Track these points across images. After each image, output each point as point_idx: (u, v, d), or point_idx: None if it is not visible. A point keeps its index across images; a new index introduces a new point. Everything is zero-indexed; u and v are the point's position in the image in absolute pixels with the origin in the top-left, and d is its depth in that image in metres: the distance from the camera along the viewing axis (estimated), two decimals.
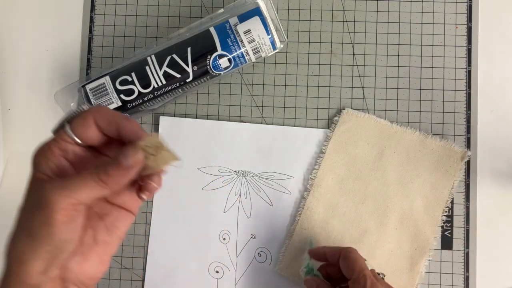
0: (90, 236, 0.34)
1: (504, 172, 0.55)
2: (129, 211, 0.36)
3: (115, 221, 0.35)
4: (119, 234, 0.36)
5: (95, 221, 0.35)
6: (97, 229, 0.35)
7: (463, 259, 0.54)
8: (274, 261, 0.55)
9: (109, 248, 0.35)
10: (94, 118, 0.33)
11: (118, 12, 0.58)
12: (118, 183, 0.32)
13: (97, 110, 0.33)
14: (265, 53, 0.53)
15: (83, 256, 0.34)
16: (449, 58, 0.56)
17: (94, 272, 0.34)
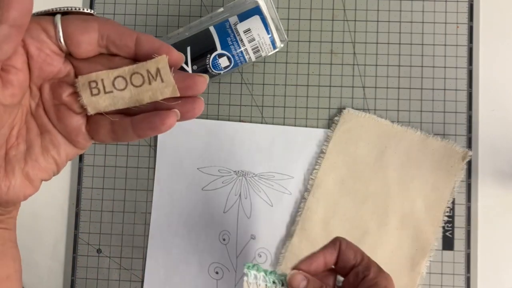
0: (20, 151, 0.28)
1: (506, 172, 0.55)
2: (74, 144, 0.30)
3: (55, 143, 0.29)
4: (56, 159, 0.29)
5: (32, 135, 0.29)
6: (32, 146, 0.29)
7: (464, 260, 0.54)
8: (274, 262, 0.54)
9: (41, 171, 0.29)
10: (100, 25, 0.27)
11: (117, 12, 0.58)
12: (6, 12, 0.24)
13: (106, 19, 0.28)
14: (265, 52, 0.52)
15: (3, 172, 0.28)
16: (450, 57, 0.56)
17: (13, 194, 0.28)
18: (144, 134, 0.28)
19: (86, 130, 0.29)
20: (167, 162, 0.56)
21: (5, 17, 0.24)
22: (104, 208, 0.56)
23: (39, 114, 0.29)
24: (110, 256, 0.56)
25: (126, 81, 0.28)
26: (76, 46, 0.27)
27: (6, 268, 0.30)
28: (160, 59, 0.27)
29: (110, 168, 0.57)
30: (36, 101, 0.29)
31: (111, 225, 0.56)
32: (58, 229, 0.57)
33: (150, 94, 0.28)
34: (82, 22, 0.27)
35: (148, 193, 0.56)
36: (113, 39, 0.27)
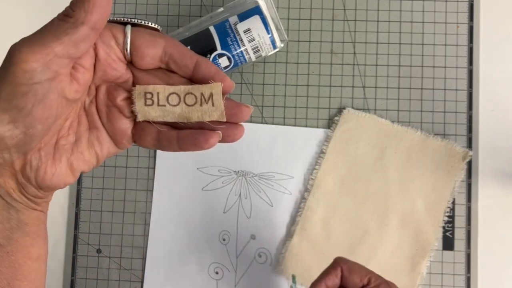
0: (69, 142, 0.31)
1: (506, 172, 0.55)
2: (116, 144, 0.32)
3: (100, 140, 0.32)
4: (98, 154, 0.32)
5: (82, 129, 0.31)
6: (80, 138, 0.31)
7: (464, 260, 0.54)
8: (274, 262, 0.54)
9: (83, 163, 0.31)
10: (166, 42, 0.29)
11: (117, 11, 0.58)
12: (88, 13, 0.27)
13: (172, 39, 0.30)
14: (265, 52, 0.52)
15: (52, 159, 0.30)
16: (450, 57, 0.55)
17: (57, 181, 0.31)
18: (187, 148, 0.30)
19: (132, 133, 0.32)
20: (167, 162, 0.56)
21: (87, 19, 0.27)
22: (104, 208, 0.56)
23: (91, 111, 0.31)
24: (110, 256, 0.56)
25: (179, 99, 0.30)
26: (141, 58, 0.30)
27: (38, 249, 0.32)
28: (215, 86, 0.30)
29: (110, 168, 0.56)
30: (90, 99, 0.31)
31: (111, 225, 0.56)
32: (58, 229, 0.56)
33: (199, 114, 0.30)
34: (150, 36, 0.29)
35: (148, 193, 0.56)
36: (175, 58, 0.30)
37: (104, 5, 0.27)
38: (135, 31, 0.29)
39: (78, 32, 0.27)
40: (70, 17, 0.27)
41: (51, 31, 0.27)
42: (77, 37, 0.27)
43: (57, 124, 0.30)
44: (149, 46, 0.29)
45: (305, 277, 0.53)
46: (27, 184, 0.30)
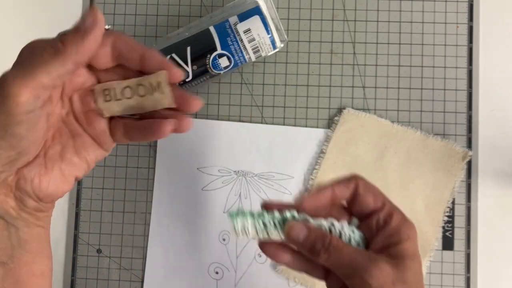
0: (56, 151, 0.32)
1: (506, 172, 0.55)
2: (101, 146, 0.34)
3: (85, 145, 0.33)
4: (87, 159, 0.33)
5: (65, 138, 0.33)
6: (65, 146, 0.33)
7: (464, 260, 0.54)
8: (274, 262, 0.54)
9: (74, 169, 0.33)
10: (114, 39, 0.31)
11: (117, 12, 0.58)
12: (78, 52, 0.28)
13: (118, 34, 0.31)
14: (265, 52, 0.52)
15: (44, 168, 0.32)
16: (450, 57, 0.56)
17: (53, 189, 0.32)
18: (149, 137, 0.32)
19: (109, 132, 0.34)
20: (167, 162, 0.56)
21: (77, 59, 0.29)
22: (104, 208, 0.56)
23: (70, 121, 0.33)
24: (110, 256, 0.56)
25: (132, 91, 0.32)
26: (96, 59, 0.31)
27: (41, 265, 0.33)
28: (160, 74, 0.31)
29: (110, 168, 0.57)
30: (66, 110, 0.33)
31: (111, 225, 0.56)
32: (58, 229, 0.57)
33: (151, 103, 0.32)
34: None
35: (148, 193, 0.56)
36: (123, 53, 0.31)
37: (94, 47, 0.29)
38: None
39: (66, 68, 0.29)
40: (60, 53, 0.28)
41: (41, 64, 0.28)
42: (65, 72, 0.29)
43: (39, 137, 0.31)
44: (99, 47, 0.30)
45: (305, 278, 0.53)
46: (25, 197, 0.31)
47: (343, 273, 0.33)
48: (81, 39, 0.28)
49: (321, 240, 0.33)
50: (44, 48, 0.29)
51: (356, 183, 0.36)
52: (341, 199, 0.36)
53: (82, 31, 0.28)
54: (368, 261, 0.32)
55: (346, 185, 0.35)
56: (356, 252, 0.33)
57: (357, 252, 0.33)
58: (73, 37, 0.28)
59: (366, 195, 0.35)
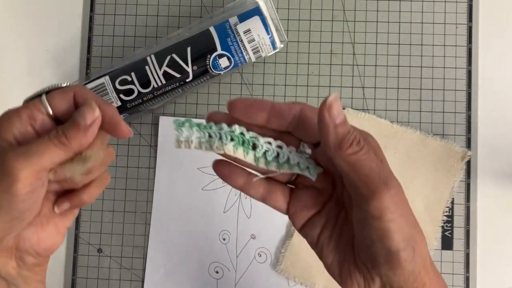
0: (48, 208, 0.34)
1: (505, 172, 0.55)
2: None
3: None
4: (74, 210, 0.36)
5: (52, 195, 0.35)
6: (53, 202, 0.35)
7: (463, 260, 0.54)
8: (274, 262, 0.54)
9: (66, 220, 0.35)
10: (74, 94, 0.33)
11: (117, 12, 0.58)
12: (79, 144, 0.31)
13: (79, 89, 0.33)
14: (265, 52, 0.53)
15: (40, 226, 0.34)
16: (449, 58, 0.56)
17: (50, 243, 0.34)
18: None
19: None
20: (167, 162, 0.56)
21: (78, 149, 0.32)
22: (104, 208, 0.56)
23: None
24: (111, 255, 0.56)
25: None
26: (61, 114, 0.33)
27: None
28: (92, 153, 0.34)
29: (110, 168, 0.57)
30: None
31: (112, 224, 0.56)
32: None
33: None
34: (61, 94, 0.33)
35: (149, 193, 0.56)
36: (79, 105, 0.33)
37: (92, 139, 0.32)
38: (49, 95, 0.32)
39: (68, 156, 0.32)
40: (66, 147, 0.31)
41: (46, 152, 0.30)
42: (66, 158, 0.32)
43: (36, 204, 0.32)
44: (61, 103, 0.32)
45: (305, 277, 0.53)
46: (24, 256, 0.33)
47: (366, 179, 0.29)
48: (84, 136, 0.31)
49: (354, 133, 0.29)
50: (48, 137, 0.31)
51: (300, 106, 0.31)
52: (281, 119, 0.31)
53: (83, 129, 0.31)
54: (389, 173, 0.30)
55: (288, 106, 0.31)
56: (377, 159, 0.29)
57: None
58: (76, 134, 0.31)
59: (315, 117, 0.30)
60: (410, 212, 0.30)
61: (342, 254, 0.32)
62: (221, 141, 0.31)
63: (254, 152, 0.31)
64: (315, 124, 0.30)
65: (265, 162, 0.32)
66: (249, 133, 0.31)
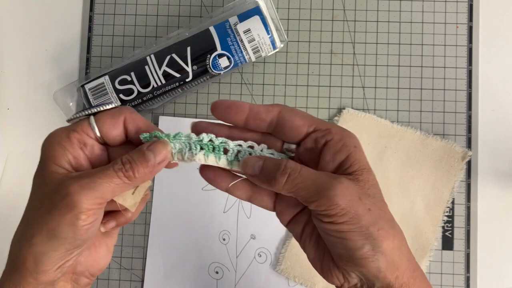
0: (99, 230, 0.35)
1: (505, 172, 0.55)
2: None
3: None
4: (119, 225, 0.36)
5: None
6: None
7: (464, 260, 0.54)
8: (274, 262, 0.54)
9: (114, 238, 0.36)
10: (125, 119, 0.32)
11: (117, 12, 0.58)
12: (143, 180, 0.31)
13: (129, 113, 0.32)
14: (265, 52, 0.52)
15: (94, 248, 0.35)
16: (450, 57, 0.56)
17: (103, 263, 0.35)
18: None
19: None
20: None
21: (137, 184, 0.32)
22: None
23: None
24: None
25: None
26: (109, 140, 0.32)
27: None
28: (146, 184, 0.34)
29: None
30: None
31: None
32: None
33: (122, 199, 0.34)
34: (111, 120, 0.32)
35: None
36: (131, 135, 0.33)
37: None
38: (98, 119, 0.32)
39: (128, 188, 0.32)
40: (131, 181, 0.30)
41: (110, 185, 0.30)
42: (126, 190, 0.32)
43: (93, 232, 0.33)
44: (111, 129, 0.32)
45: (305, 277, 0.53)
46: (80, 278, 0.34)
47: (305, 196, 0.30)
48: (150, 173, 0.31)
49: (277, 165, 0.31)
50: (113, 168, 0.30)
51: (279, 109, 0.32)
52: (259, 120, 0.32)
53: (151, 166, 0.31)
54: (332, 179, 0.30)
55: (265, 108, 0.32)
56: (315, 172, 0.31)
57: (317, 172, 0.31)
58: (144, 170, 0.30)
59: (293, 118, 0.32)
60: (368, 207, 0.30)
61: (322, 250, 0.32)
62: (191, 152, 0.32)
63: (226, 156, 0.32)
64: (293, 126, 0.32)
65: (238, 165, 0.32)
66: (218, 139, 0.32)
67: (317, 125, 0.32)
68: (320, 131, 0.32)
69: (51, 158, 0.31)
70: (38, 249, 0.30)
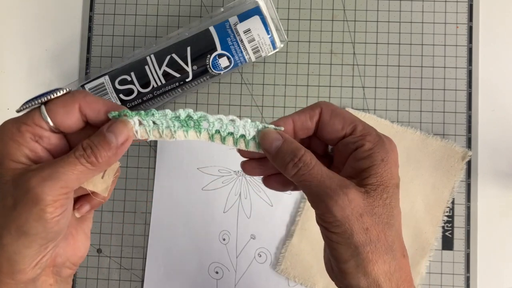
0: (74, 218, 0.34)
1: (505, 172, 0.55)
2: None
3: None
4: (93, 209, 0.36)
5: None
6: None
7: (464, 260, 0.54)
8: (274, 262, 0.54)
9: (90, 222, 0.35)
10: (79, 105, 0.30)
11: (117, 12, 0.58)
12: (108, 164, 0.30)
13: (83, 97, 0.30)
14: (265, 52, 0.52)
15: (71, 237, 0.33)
16: (450, 57, 0.56)
17: (83, 250, 0.34)
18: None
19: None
20: (167, 162, 0.56)
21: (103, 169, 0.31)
22: (104, 208, 0.56)
23: None
24: (110, 256, 0.56)
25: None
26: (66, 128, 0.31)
27: None
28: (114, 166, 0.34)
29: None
30: None
31: (111, 224, 0.56)
32: None
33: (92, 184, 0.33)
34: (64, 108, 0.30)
35: (148, 193, 0.56)
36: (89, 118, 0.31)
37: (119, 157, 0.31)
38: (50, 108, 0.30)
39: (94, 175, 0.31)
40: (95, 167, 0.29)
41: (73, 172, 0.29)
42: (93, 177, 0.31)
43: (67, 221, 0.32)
44: (65, 118, 0.30)
45: (305, 277, 0.53)
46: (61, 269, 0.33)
47: (307, 194, 0.31)
48: (115, 156, 0.29)
49: (293, 153, 0.30)
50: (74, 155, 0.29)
51: (320, 110, 0.32)
52: (306, 129, 0.32)
53: (114, 148, 0.29)
54: (337, 186, 0.29)
55: (308, 113, 0.32)
56: (327, 174, 0.30)
57: (328, 175, 0.30)
58: (107, 153, 0.29)
59: (332, 121, 0.32)
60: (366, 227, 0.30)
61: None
62: (168, 129, 0.31)
63: (207, 130, 0.31)
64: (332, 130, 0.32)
65: (220, 138, 0.31)
66: (197, 114, 0.31)
67: (355, 128, 0.32)
68: (355, 136, 0.31)
69: (5, 155, 0.29)
70: (10, 249, 0.29)
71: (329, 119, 0.32)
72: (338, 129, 0.32)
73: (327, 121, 0.32)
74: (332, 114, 0.32)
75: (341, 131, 0.32)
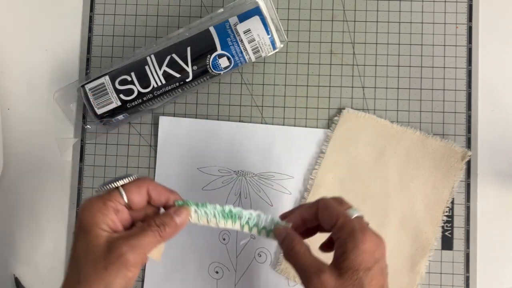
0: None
1: (505, 172, 0.55)
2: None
3: None
4: None
5: None
6: None
7: (463, 260, 0.54)
8: (274, 262, 0.54)
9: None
10: (148, 188, 0.40)
11: (117, 12, 0.58)
12: (170, 237, 0.39)
13: (150, 181, 0.40)
14: (265, 52, 0.53)
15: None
16: (449, 57, 0.56)
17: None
18: None
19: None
20: (167, 162, 0.56)
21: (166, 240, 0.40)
22: None
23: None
24: None
25: None
26: (135, 205, 0.40)
27: None
28: None
29: (110, 168, 0.57)
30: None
31: None
32: (58, 229, 0.57)
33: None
34: (137, 188, 0.39)
35: None
36: (153, 198, 0.40)
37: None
38: (126, 189, 0.39)
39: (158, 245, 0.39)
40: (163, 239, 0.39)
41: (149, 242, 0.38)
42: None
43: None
44: (138, 197, 0.39)
45: None
46: None
47: (296, 273, 0.38)
48: (175, 232, 0.39)
49: (290, 244, 0.39)
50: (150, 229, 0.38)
51: (317, 204, 0.41)
52: (310, 221, 0.41)
53: (175, 226, 0.39)
54: (314, 271, 0.37)
55: (310, 209, 0.41)
56: (309, 260, 0.38)
57: (311, 261, 0.38)
58: (172, 229, 0.39)
59: (322, 213, 0.40)
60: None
61: None
62: (215, 218, 0.42)
63: (240, 221, 0.42)
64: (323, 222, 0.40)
65: (249, 228, 0.42)
66: (235, 209, 0.42)
67: (337, 222, 0.38)
68: (336, 225, 0.38)
69: (94, 224, 0.37)
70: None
71: (321, 211, 0.40)
72: (326, 219, 0.39)
73: (320, 215, 0.40)
74: (323, 207, 0.40)
75: (328, 223, 0.39)
